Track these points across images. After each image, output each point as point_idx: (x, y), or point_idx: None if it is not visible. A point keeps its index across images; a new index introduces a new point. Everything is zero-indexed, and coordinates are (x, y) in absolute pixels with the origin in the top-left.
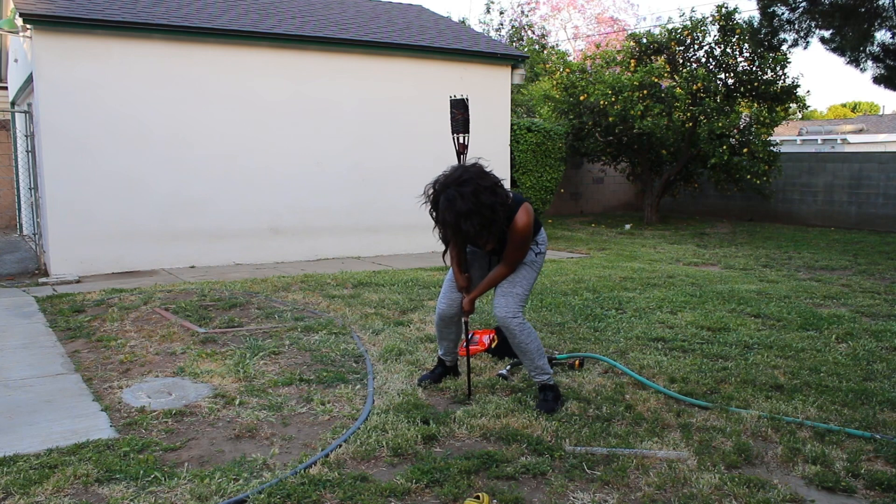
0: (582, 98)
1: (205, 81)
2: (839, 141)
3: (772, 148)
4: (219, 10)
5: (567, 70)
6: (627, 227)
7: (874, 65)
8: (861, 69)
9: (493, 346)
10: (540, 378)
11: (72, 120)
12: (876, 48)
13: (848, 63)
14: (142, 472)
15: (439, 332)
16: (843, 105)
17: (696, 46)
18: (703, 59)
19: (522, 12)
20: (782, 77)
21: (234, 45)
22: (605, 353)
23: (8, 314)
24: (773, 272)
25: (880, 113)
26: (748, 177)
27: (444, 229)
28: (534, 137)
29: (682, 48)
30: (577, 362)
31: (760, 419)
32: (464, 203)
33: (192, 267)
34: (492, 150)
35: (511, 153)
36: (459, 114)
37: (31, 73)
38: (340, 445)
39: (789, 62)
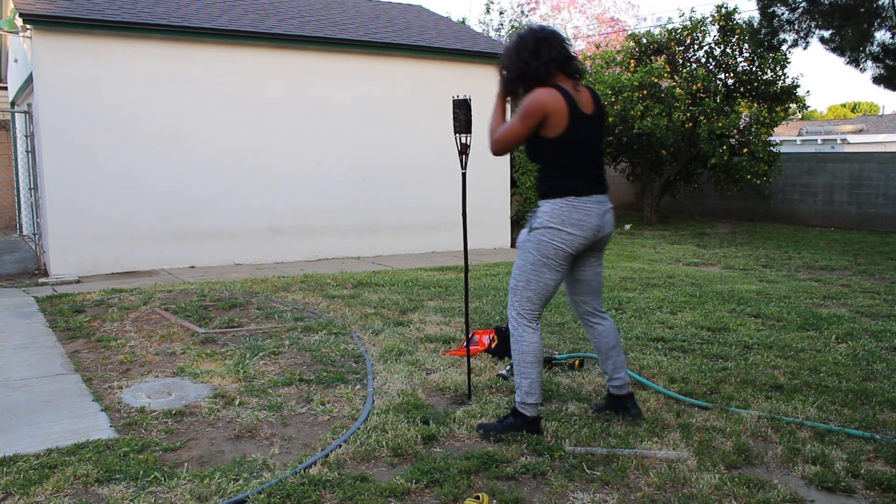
0: None
1: (205, 81)
2: (839, 141)
3: (772, 148)
4: (219, 10)
5: None
6: (627, 227)
7: (874, 65)
8: (861, 69)
9: (493, 346)
10: (517, 396)
11: (72, 120)
12: (876, 48)
13: (848, 63)
14: (142, 472)
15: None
16: (843, 105)
17: (696, 47)
18: (703, 60)
19: (522, 12)
20: (782, 77)
21: (234, 45)
22: None
23: (8, 314)
24: (772, 272)
25: (880, 113)
26: (748, 177)
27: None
28: None
29: (681, 48)
30: (577, 362)
31: (760, 419)
32: (508, 43)
33: (192, 267)
34: None
35: (511, 153)
36: (462, 114)
37: (31, 73)
38: (340, 445)
39: (789, 62)
